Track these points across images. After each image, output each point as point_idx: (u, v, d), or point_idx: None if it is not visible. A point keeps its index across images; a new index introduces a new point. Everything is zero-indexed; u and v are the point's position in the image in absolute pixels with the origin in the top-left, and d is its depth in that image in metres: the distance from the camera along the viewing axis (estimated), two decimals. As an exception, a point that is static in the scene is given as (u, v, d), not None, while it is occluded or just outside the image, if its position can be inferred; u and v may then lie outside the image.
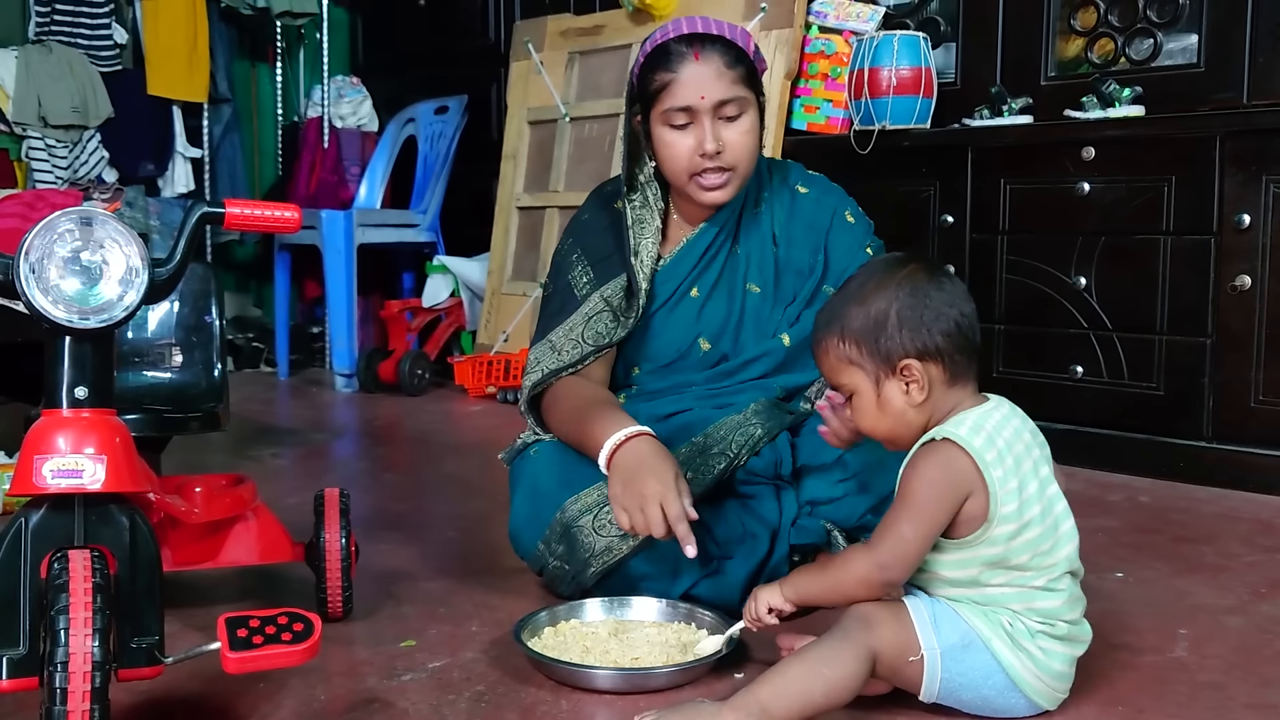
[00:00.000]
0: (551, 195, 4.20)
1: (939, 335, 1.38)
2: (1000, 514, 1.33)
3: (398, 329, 4.51)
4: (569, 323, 1.93)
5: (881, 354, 1.39)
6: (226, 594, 1.95)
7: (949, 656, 1.35)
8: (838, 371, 1.44)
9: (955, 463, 1.34)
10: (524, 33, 4.41)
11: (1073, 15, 3.19)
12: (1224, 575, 2.06)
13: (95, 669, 1.16)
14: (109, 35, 4.52)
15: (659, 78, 1.82)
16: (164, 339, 2.02)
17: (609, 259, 1.95)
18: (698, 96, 1.80)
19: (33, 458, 1.23)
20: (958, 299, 1.39)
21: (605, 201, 2.02)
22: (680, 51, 1.82)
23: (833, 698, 1.32)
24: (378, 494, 2.73)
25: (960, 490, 1.33)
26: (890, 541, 1.34)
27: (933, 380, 1.39)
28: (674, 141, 1.84)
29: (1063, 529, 1.38)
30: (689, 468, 1.81)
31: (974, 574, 1.36)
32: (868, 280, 1.42)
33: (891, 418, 1.41)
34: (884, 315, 1.39)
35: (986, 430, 1.35)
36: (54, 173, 4.32)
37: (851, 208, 2.02)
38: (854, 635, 1.34)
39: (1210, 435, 2.78)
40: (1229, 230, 2.72)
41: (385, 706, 1.46)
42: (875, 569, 1.35)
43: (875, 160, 3.28)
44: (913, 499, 1.34)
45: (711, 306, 1.96)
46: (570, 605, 1.73)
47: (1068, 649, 1.39)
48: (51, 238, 1.25)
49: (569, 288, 1.96)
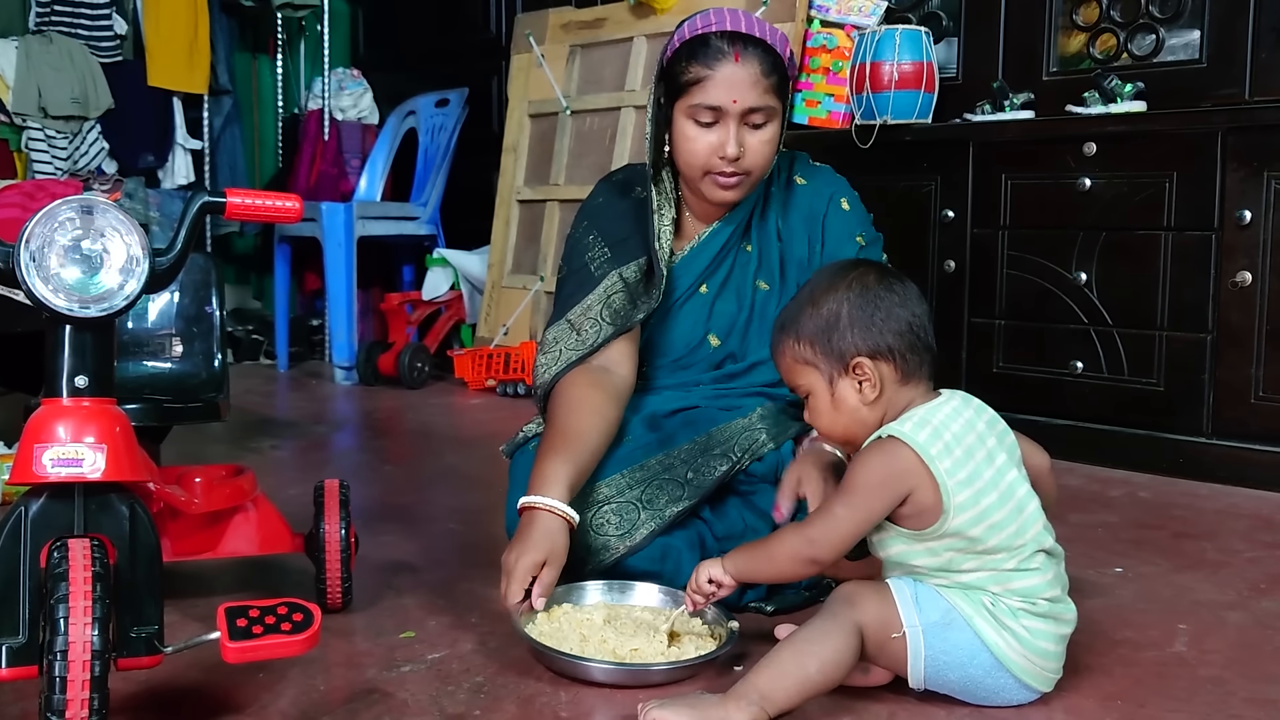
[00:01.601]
0: (552, 189, 4.19)
1: (890, 334, 1.42)
2: (955, 504, 1.35)
3: (398, 322, 4.51)
4: (586, 301, 1.90)
5: (835, 353, 1.44)
6: (226, 585, 1.95)
7: (931, 634, 1.37)
8: (794, 373, 1.49)
9: (899, 458, 1.37)
10: (525, 26, 4.41)
11: (1075, 10, 3.18)
12: (1224, 571, 2.06)
13: (95, 658, 1.16)
14: (109, 26, 4.51)
15: (693, 70, 1.80)
16: (164, 329, 2.02)
17: (626, 241, 1.93)
18: (730, 99, 1.78)
19: (33, 446, 1.23)
20: (909, 300, 1.44)
21: (619, 188, 2.01)
22: (720, 49, 1.79)
23: (828, 674, 1.33)
24: (378, 486, 2.73)
25: (900, 485, 1.36)
26: (822, 520, 1.39)
27: (884, 378, 1.43)
28: (696, 137, 1.83)
29: (1028, 510, 1.39)
30: (690, 466, 1.80)
31: (945, 560, 1.38)
32: (818, 284, 1.49)
33: (846, 416, 1.46)
34: (835, 316, 1.44)
35: (933, 424, 1.38)
36: (54, 163, 4.32)
37: (849, 196, 2.01)
38: (839, 613, 1.37)
39: (1210, 431, 2.78)
40: (1230, 226, 2.72)
41: (385, 697, 1.46)
42: (805, 543, 1.39)
43: (877, 155, 3.28)
44: (852, 485, 1.38)
45: (722, 303, 1.95)
46: (567, 587, 1.70)
47: (1053, 627, 1.40)
48: (52, 226, 1.25)
49: (585, 268, 1.94)
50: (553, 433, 1.76)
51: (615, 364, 1.88)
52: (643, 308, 1.88)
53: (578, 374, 1.85)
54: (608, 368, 1.87)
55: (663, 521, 1.76)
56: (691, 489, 1.78)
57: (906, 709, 1.42)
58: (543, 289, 4.13)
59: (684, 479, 1.79)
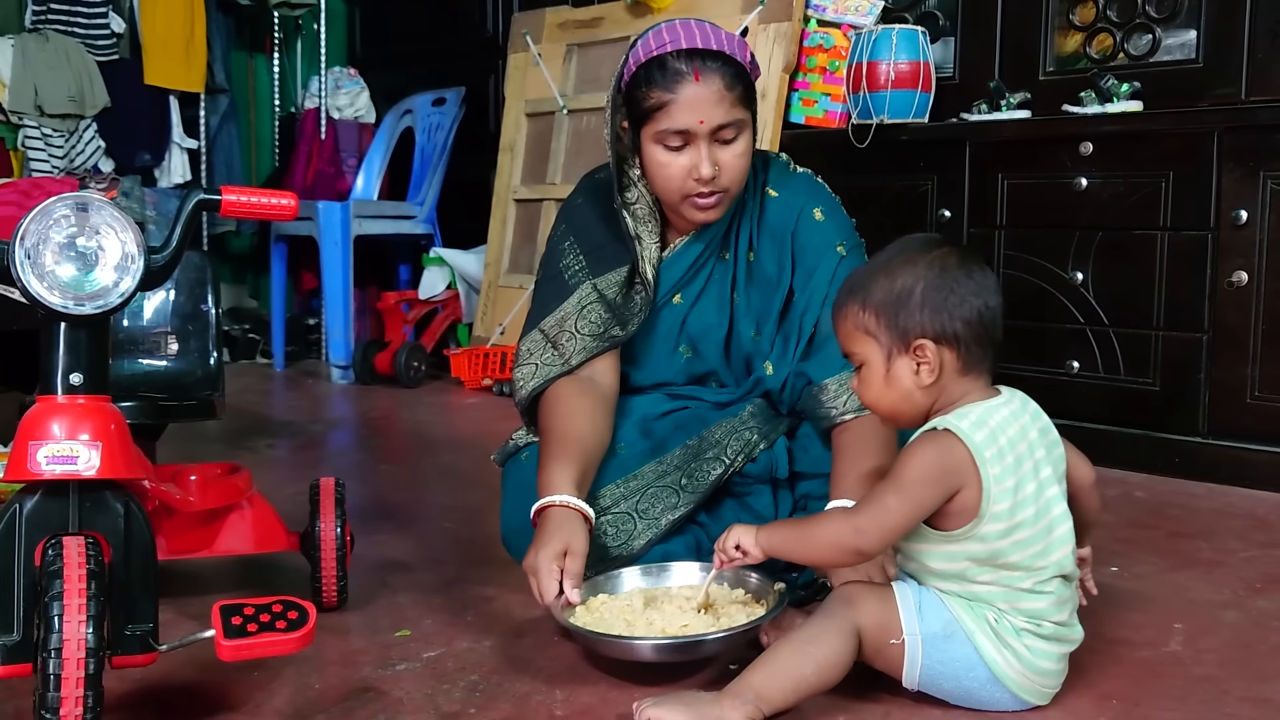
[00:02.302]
0: (549, 188, 4.19)
1: (959, 321, 1.36)
2: (992, 511, 1.32)
3: (394, 321, 4.50)
4: (561, 311, 1.86)
5: (898, 329, 1.37)
6: (221, 583, 1.95)
7: (930, 644, 1.36)
8: (852, 339, 1.43)
9: (953, 453, 1.33)
10: (522, 25, 4.41)
11: (1071, 10, 3.18)
12: (1219, 570, 2.06)
13: (89, 655, 1.16)
14: (106, 24, 4.51)
15: (655, 96, 1.73)
16: (160, 327, 2.02)
17: (604, 249, 1.88)
18: (696, 121, 1.72)
19: (27, 444, 1.23)
20: (986, 290, 1.37)
21: (598, 191, 1.94)
22: (679, 70, 1.71)
23: (824, 675, 1.33)
24: (374, 485, 2.72)
25: (952, 481, 1.33)
26: (873, 509, 1.33)
27: (945, 365, 1.37)
28: (668, 162, 1.76)
29: (1057, 533, 1.36)
30: (684, 471, 1.80)
31: (961, 568, 1.36)
32: (898, 254, 1.41)
33: (896, 394, 1.40)
34: (907, 291, 1.37)
35: (990, 426, 1.34)
36: (50, 162, 4.31)
37: (824, 204, 1.89)
38: (838, 613, 1.35)
39: (1206, 431, 2.78)
40: (1226, 226, 2.72)
41: (380, 695, 1.46)
42: (852, 531, 1.33)
43: (873, 154, 3.28)
44: (904, 476, 1.33)
45: (696, 315, 1.90)
46: (604, 577, 1.66)
47: (1055, 647, 1.38)
48: (47, 223, 1.25)
49: (559, 275, 1.90)
50: (550, 440, 1.74)
51: (600, 374, 1.85)
52: (630, 323, 1.84)
53: (564, 383, 1.81)
54: (593, 378, 1.84)
55: (659, 531, 1.75)
56: (686, 495, 1.78)
57: (902, 709, 1.41)
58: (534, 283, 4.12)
59: (678, 485, 1.78)
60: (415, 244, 4.84)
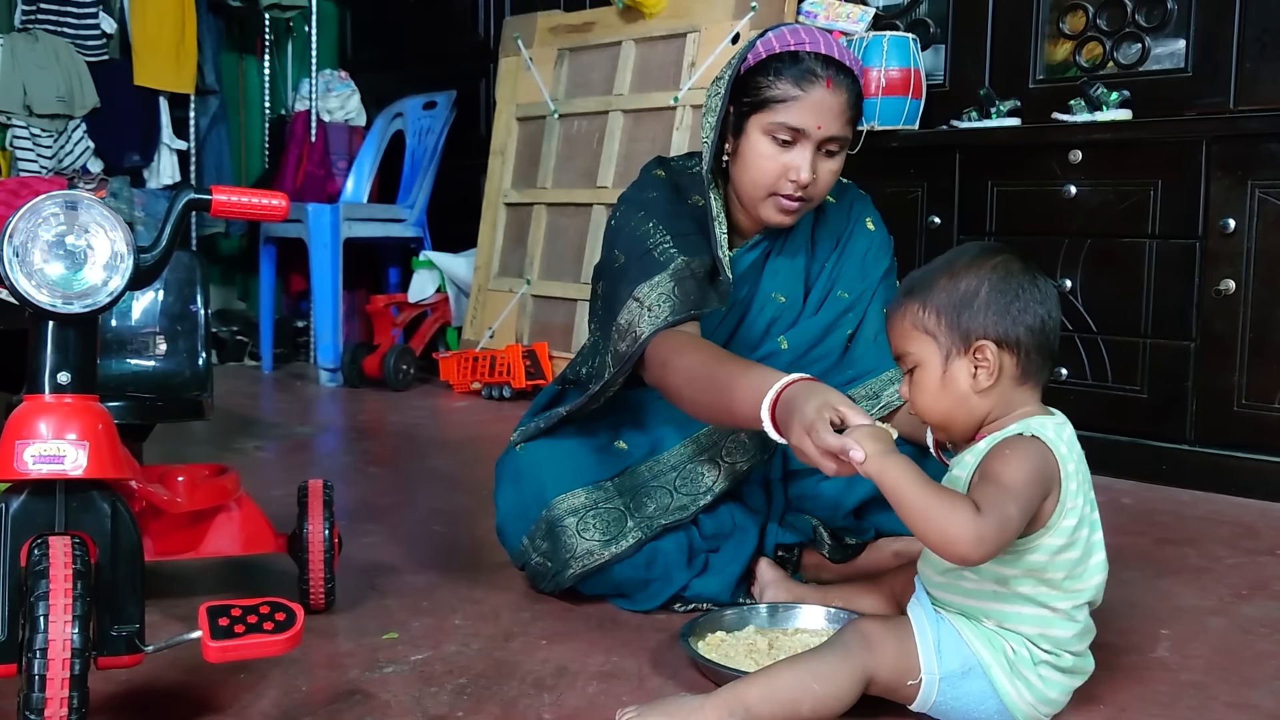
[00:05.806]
0: (539, 192, 4.19)
1: (1022, 327, 1.33)
2: (1060, 525, 1.30)
3: (383, 324, 4.50)
4: (656, 279, 1.75)
5: (960, 330, 1.34)
6: (208, 584, 1.94)
7: (947, 682, 1.33)
8: (908, 339, 1.38)
9: (1048, 461, 1.30)
10: (514, 29, 4.41)
11: (1061, 19, 3.20)
12: (1206, 577, 2.07)
13: (75, 656, 1.16)
14: (96, 25, 4.50)
15: (780, 87, 1.73)
16: (148, 327, 2.01)
17: (688, 237, 1.81)
18: (815, 124, 1.73)
19: (14, 443, 1.22)
20: (1048, 300, 1.35)
21: (670, 189, 1.89)
22: (813, 70, 1.73)
23: (819, 714, 1.30)
24: (362, 487, 2.72)
25: (1048, 487, 1.29)
26: (1000, 520, 1.23)
27: (1004, 370, 1.34)
28: (771, 155, 1.75)
29: (1093, 560, 1.35)
30: (678, 472, 1.80)
31: (1008, 575, 1.31)
32: (960, 257, 1.38)
33: (952, 398, 1.36)
34: (972, 292, 1.34)
35: (1065, 439, 1.33)
36: (39, 162, 4.30)
37: (874, 215, 2.00)
38: (854, 655, 1.32)
39: (1193, 439, 2.79)
40: (1214, 234, 2.73)
41: (367, 698, 1.45)
42: (974, 538, 1.22)
43: (863, 161, 3.26)
44: (1016, 485, 1.26)
45: (732, 317, 1.90)
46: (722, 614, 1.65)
47: (1069, 680, 1.37)
48: (36, 221, 1.24)
49: (648, 252, 1.79)
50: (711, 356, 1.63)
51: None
52: (713, 302, 1.78)
53: (668, 331, 1.72)
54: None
55: (650, 531, 1.75)
56: (680, 496, 1.77)
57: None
58: (529, 292, 4.13)
59: (672, 486, 1.79)
60: (405, 247, 4.83)
